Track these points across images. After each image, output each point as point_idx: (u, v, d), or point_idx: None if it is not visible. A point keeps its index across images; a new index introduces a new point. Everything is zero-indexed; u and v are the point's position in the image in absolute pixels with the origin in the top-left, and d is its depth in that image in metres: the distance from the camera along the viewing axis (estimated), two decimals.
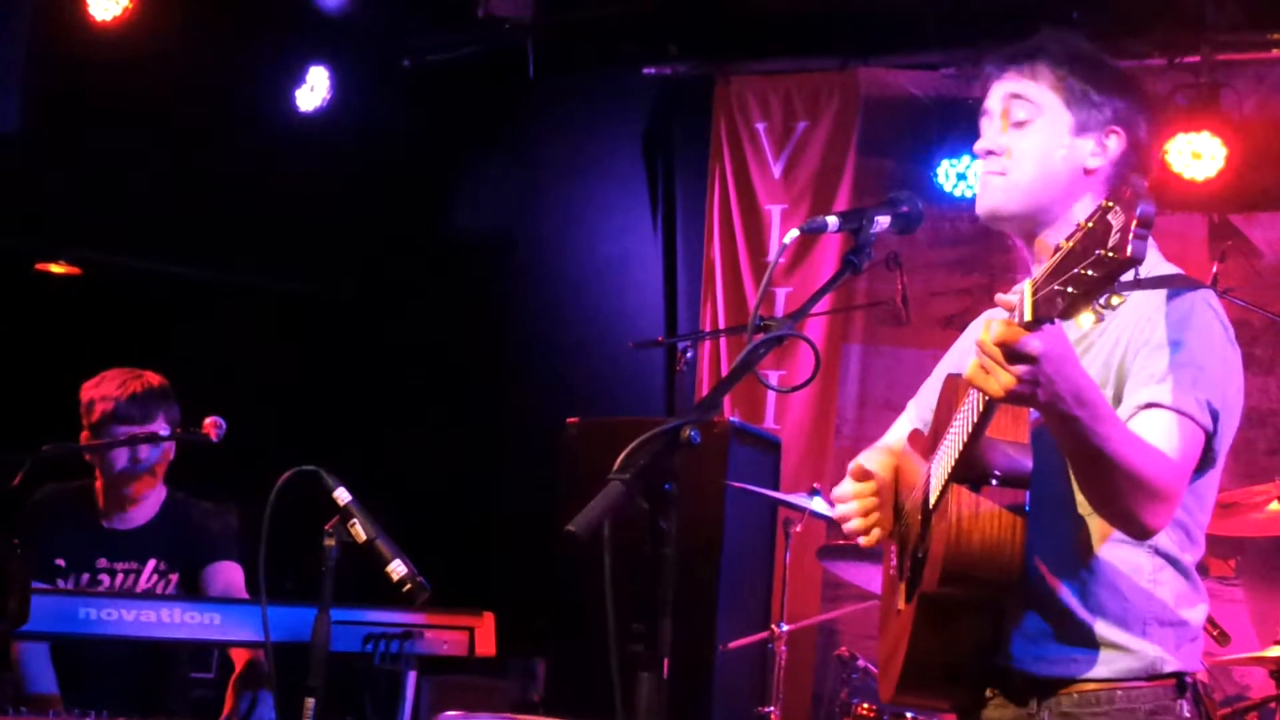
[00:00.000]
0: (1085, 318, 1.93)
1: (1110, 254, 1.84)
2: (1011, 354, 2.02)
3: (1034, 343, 2.01)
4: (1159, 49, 6.36)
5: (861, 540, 2.55)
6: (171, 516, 4.35)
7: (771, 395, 7.15)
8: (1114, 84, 2.53)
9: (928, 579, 2.34)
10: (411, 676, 3.72)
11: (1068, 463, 2.29)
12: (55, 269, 7.81)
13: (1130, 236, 1.82)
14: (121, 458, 4.23)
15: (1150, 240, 2.54)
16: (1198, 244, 6.43)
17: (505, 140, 7.92)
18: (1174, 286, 2.40)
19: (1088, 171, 2.50)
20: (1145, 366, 2.34)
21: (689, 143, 7.63)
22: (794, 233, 2.41)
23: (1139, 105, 2.54)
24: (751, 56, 7.46)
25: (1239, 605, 6.02)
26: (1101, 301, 1.89)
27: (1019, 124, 2.51)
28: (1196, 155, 6.19)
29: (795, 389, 3.69)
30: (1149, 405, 2.30)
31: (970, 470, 2.27)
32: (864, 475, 2.57)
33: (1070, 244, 1.91)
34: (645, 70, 7.56)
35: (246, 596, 4.23)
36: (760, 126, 7.40)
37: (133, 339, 6.87)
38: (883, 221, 2.45)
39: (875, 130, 7.10)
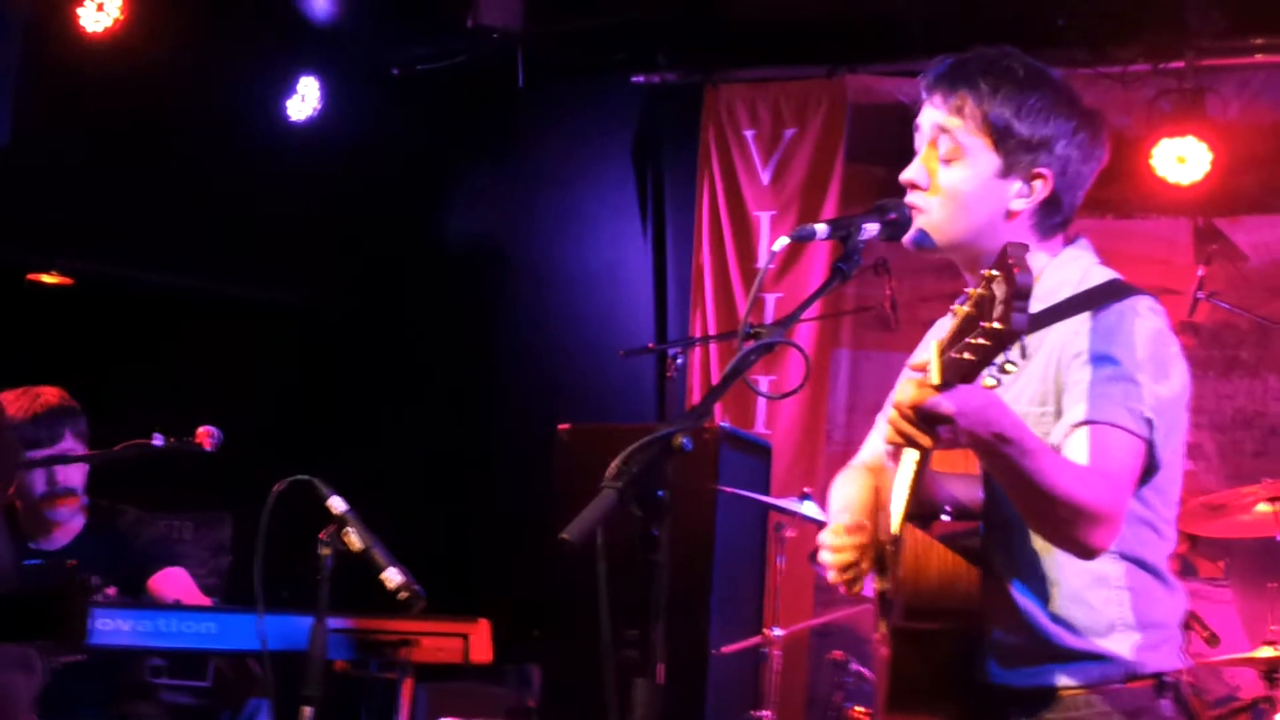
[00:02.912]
0: (988, 380, 1.99)
1: (995, 325, 1.88)
2: (925, 415, 2.07)
3: (946, 403, 2.05)
4: (1144, 54, 6.39)
5: (842, 590, 2.54)
6: (98, 528, 4.32)
7: (762, 400, 7.16)
8: (1047, 113, 2.45)
9: (894, 615, 2.39)
10: (407, 684, 3.73)
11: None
12: (47, 280, 7.81)
13: (1010, 310, 1.87)
14: (39, 482, 4.19)
15: (1085, 244, 2.55)
16: (1183, 248, 6.46)
17: (495, 149, 7.93)
18: (1103, 296, 2.40)
19: (1011, 214, 2.47)
20: (1076, 382, 2.34)
21: (678, 150, 7.65)
22: (783, 240, 2.40)
23: (1077, 130, 2.47)
24: (739, 64, 7.48)
25: (1228, 606, 6.05)
26: (996, 366, 1.94)
27: (945, 160, 2.48)
28: (1181, 159, 6.22)
29: (785, 395, 3.71)
30: (1081, 424, 2.31)
31: (921, 507, 2.31)
32: (856, 530, 2.52)
33: (965, 310, 1.96)
34: (634, 79, 7.58)
35: (203, 597, 4.23)
36: (749, 134, 7.42)
37: (125, 349, 6.89)
38: (871, 229, 2.44)
39: (863, 137, 7.12)
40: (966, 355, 1.94)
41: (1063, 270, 2.49)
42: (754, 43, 7.33)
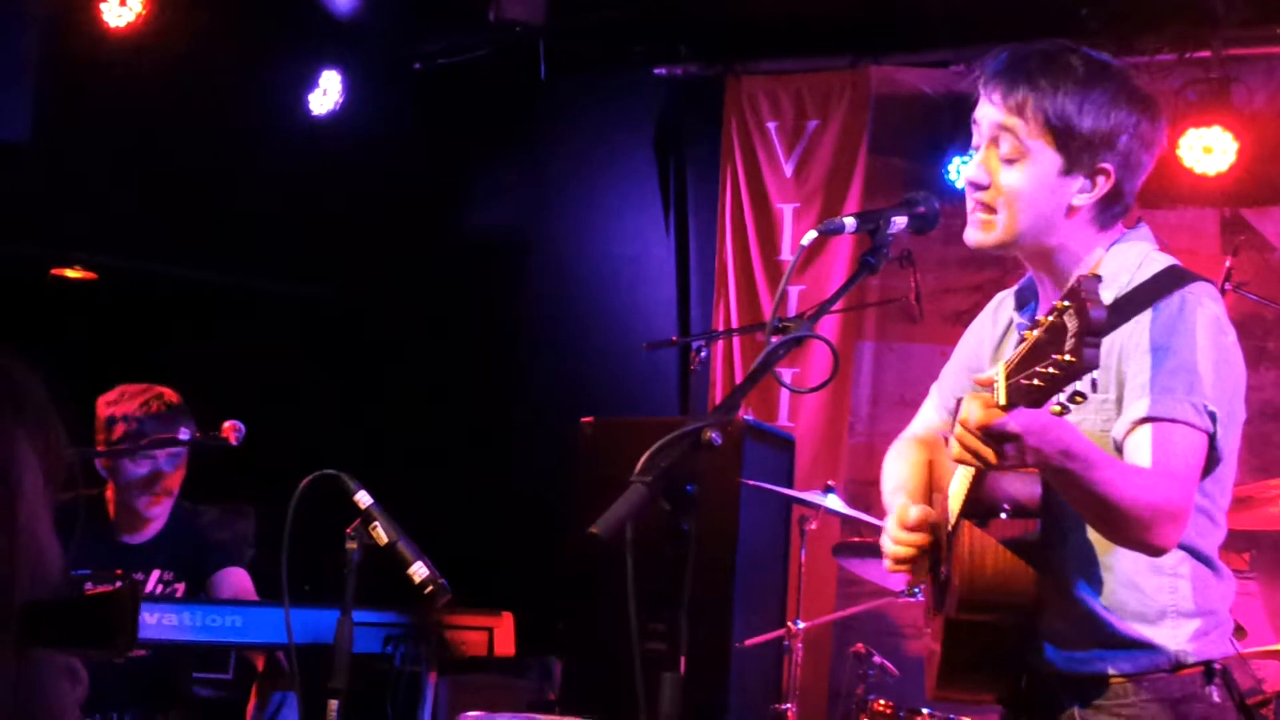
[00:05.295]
0: (1055, 408, 2.00)
1: (1066, 358, 1.90)
2: (991, 434, 2.09)
3: (1012, 423, 2.07)
4: (1169, 44, 6.35)
5: (899, 580, 2.58)
6: (178, 527, 4.35)
7: (785, 393, 7.15)
8: (1109, 109, 2.42)
9: (949, 605, 2.41)
10: (432, 677, 3.74)
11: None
12: (71, 274, 7.84)
13: (1082, 345, 1.88)
14: (144, 467, 4.24)
15: (1145, 231, 2.56)
16: (1210, 238, 6.43)
17: (517, 142, 7.93)
18: (1163, 284, 2.41)
19: (1073, 209, 2.47)
20: (1137, 374, 2.35)
21: (700, 142, 7.64)
22: (812, 234, 2.40)
23: (1139, 122, 2.45)
24: (761, 56, 7.46)
25: (1254, 599, 6.02)
26: (1065, 396, 1.96)
27: (1006, 159, 2.46)
28: (1208, 150, 6.19)
29: (813, 390, 3.70)
30: (1143, 420, 2.32)
31: (979, 506, 2.33)
32: (922, 526, 2.51)
33: (1035, 335, 1.97)
34: (656, 71, 7.57)
35: (254, 597, 4.26)
36: (771, 125, 7.40)
37: (149, 344, 6.91)
38: (900, 222, 2.45)
39: (886, 128, 7.10)
40: (1036, 382, 1.95)
41: (1122, 256, 2.50)
42: (776, 33, 7.31)
